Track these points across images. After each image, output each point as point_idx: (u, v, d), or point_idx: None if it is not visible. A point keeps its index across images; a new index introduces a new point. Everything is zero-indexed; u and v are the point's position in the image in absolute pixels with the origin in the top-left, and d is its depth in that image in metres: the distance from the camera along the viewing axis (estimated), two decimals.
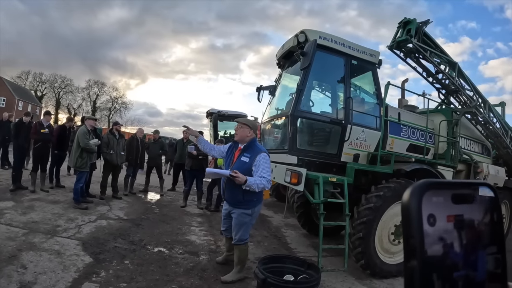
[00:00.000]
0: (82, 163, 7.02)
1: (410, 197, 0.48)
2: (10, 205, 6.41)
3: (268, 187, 3.98)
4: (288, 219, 8.24)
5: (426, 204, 0.47)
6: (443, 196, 0.49)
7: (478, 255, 0.49)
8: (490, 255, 0.50)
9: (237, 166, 4.05)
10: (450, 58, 6.43)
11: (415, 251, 0.47)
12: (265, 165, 3.95)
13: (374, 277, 4.92)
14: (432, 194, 0.48)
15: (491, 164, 7.48)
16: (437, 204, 0.48)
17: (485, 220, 0.50)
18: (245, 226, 4.18)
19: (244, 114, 14.44)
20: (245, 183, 3.75)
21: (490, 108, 7.01)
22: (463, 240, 0.48)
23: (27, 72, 59.89)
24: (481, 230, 0.50)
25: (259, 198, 4.17)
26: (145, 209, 7.80)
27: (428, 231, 0.47)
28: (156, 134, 10.49)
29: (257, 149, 4.09)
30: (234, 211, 4.21)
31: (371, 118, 5.62)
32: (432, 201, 0.48)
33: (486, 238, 0.50)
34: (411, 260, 0.47)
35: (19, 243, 4.58)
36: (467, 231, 0.49)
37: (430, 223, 0.47)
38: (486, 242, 0.50)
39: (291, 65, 6.25)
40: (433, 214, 0.47)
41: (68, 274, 3.85)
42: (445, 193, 0.49)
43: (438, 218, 0.48)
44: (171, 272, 4.31)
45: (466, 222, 0.49)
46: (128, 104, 67.97)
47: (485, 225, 0.50)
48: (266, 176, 3.89)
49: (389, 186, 4.95)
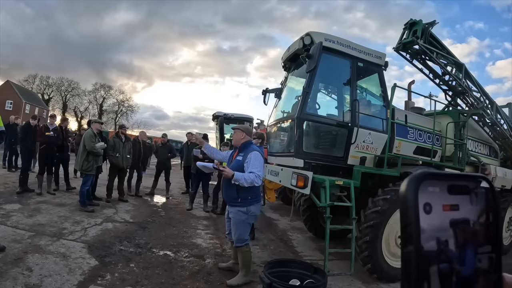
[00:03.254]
0: (88, 166, 7.05)
1: (407, 186, 0.49)
2: (17, 208, 6.43)
3: (258, 183, 4.03)
4: (294, 222, 8.19)
5: (422, 193, 0.49)
6: (439, 187, 0.50)
7: (473, 242, 0.50)
8: (485, 243, 0.51)
9: (233, 165, 4.21)
10: (457, 59, 6.38)
11: (411, 237, 0.48)
12: (256, 161, 4.05)
13: (381, 281, 4.87)
14: (428, 184, 0.49)
15: (498, 166, 7.41)
16: (433, 193, 0.49)
17: (481, 209, 0.51)
18: (242, 225, 4.21)
19: (251, 117, 14.44)
20: (233, 177, 3.84)
21: (497, 109, 6.95)
22: (459, 227, 0.50)
23: (34, 75, 60.57)
24: (477, 219, 0.51)
25: (254, 197, 4.20)
26: (151, 212, 7.81)
27: (424, 219, 0.48)
28: (164, 138, 10.53)
29: (250, 148, 4.23)
30: (231, 211, 4.28)
31: (378, 121, 5.58)
32: (429, 190, 0.49)
33: (481, 226, 0.51)
34: (408, 245, 0.48)
35: (25, 245, 4.60)
36: (462, 219, 0.50)
37: (426, 211, 0.48)
38: (481, 231, 0.51)
39: (297, 68, 6.23)
40: (429, 203, 0.49)
41: (74, 277, 3.85)
42: (441, 183, 0.50)
43: (434, 207, 0.49)
44: (176, 276, 4.29)
45: (461, 211, 0.50)
46: (134, 107, 68.33)
47: (480, 214, 0.51)
48: (255, 172, 3.97)
49: (396, 190, 4.89)
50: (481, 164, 6.73)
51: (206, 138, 8.98)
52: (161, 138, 10.72)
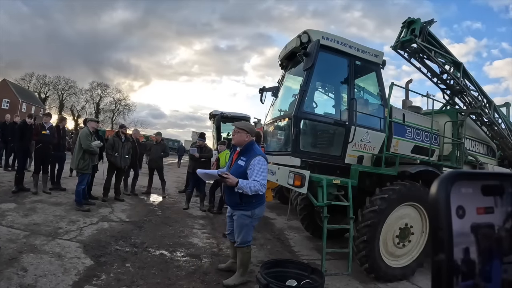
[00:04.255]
0: (84, 165, 7.00)
1: (438, 188, 0.46)
2: (12, 207, 6.39)
3: (262, 191, 3.92)
4: (291, 222, 8.19)
5: (454, 195, 0.45)
6: (472, 188, 0.46)
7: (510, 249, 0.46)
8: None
9: (234, 169, 4.07)
10: (455, 58, 6.36)
11: (443, 244, 0.44)
12: (260, 168, 3.90)
13: (379, 280, 4.85)
14: (461, 185, 0.46)
15: (496, 166, 7.41)
16: (466, 195, 0.46)
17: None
18: (246, 228, 4.13)
19: (247, 116, 14.42)
20: (237, 185, 3.73)
21: (495, 108, 6.93)
22: (494, 233, 0.46)
23: (30, 74, 60.27)
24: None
25: (259, 200, 4.08)
26: (148, 211, 7.77)
27: (457, 223, 0.44)
28: (158, 136, 10.48)
29: (253, 152, 4.04)
30: (234, 213, 4.18)
31: (375, 120, 5.56)
32: (461, 192, 0.46)
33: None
34: (439, 253, 0.45)
35: (20, 245, 4.56)
36: (498, 223, 0.46)
37: (459, 215, 0.45)
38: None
39: (294, 66, 6.20)
40: (462, 206, 0.45)
41: (69, 277, 3.81)
42: (475, 184, 0.47)
43: (467, 210, 0.46)
44: (172, 276, 4.26)
45: (496, 214, 0.47)
46: (131, 106, 68.22)
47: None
48: (260, 180, 3.85)
49: (394, 189, 4.89)
50: (479, 164, 6.71)
51: (203, 137, 8.94)
52: (156, 137, 10.67)
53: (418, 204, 5.09)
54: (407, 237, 5.10)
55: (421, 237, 5.24)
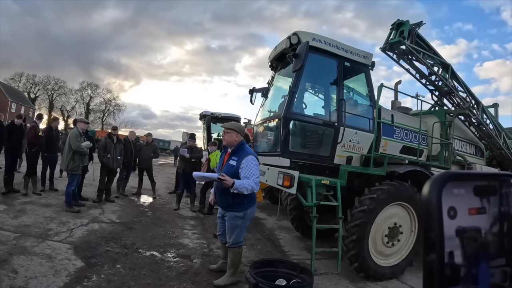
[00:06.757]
0: (74, 166, 6.97)
1: (430, 189, 0.46)
2: (2, 209, 6.36)
3: (256, 189, 3.96)
4: (281, 222, 8.22)
5: (446, 196, 0.46)
6: (465, 188, 0.47)
7: (502, 249, 0.48)
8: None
9: (226, 169, 4.08)
10: (443, 60, 6.44)
11: (434, 245, 0.45)
12: (252, 167, 3.94)
13: (368, 279, 4.90)
14: (453, 185, 0.47)
15: (484, 165, 7.50)
16: (458, 196, 0.47)
17: (510, 212, 0.49)
18: (238, 229, 4.15)
19: (238, 116, 14.42)
20: (233, 186, 3.74)
21: (483, 109, 7.02)
22: (486, 233, 0.47)
23: (20, 73, 59.82)
24: (505, 223, 0.48)
25: (250, 201, 4.12)
26: (138, 212, 7.76)
27: (448, 224, 0.45)
28: (149, 137, 10.46)
29: (245, 152, 4.08)
30: (226, 214, 4.20)
31: (364, 120, 5.61)
32: (453, 193, 0.47)
33: (510, 231, 0.48)
34: (430, 253, 0.46)
35: (10, 247, 4.54)
36: (490, 224, 0.47)
37: (451, 216, 0.46)
38: (510, 236, 0.48)
39: (283, 67, 6.22)
40: (453, 206, 0.46)
41: (59, 279, 3.81)
42: (467, 184, 0.48)
43: (459, 211, 0.46)
44: (163, 276, 4.27)
45: (489, 215, 0.48)
46: (122, 106, 68.02)
47: (509, 217, 0.49)
48: (253, 178, 3.88)
49: (382, 189, 4.94)
50: (467, 163, 6.80)
51: (194, 138, 8.94)
52: (146, 137, 10.66)
53: (407, 204, 5.16)
54: (396, 236, 5.16)
55: (410, 236, 5.31)
